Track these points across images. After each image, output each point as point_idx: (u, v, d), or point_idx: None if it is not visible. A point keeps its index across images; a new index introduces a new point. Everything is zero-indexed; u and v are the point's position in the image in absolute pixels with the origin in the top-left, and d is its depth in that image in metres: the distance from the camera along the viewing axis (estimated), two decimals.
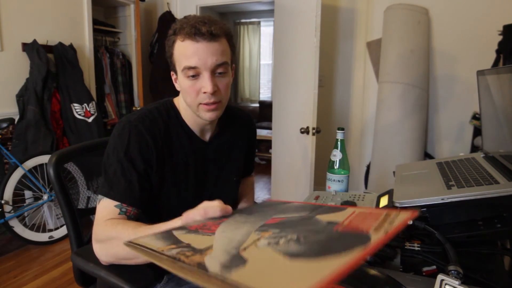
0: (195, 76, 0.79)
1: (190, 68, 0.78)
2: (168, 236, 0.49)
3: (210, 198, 0.96)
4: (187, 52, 0.77)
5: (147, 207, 0.85)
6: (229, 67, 0.83)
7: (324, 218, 0.49)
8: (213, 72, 0.79)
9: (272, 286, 0.32)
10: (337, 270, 0.31)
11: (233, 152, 1.00)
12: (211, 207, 0.57)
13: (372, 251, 0.36)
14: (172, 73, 0.87)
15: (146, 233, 0.67)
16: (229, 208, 0.58)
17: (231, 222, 0.52)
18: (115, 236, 0.72)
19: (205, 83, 0.78)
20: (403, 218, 0.44)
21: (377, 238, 0.39)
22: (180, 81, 0.82)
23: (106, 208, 0.78)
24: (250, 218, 0.53)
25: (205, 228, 0.51)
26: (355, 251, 0.35)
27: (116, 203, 0.78)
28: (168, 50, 0.83)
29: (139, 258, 0.72)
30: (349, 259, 0.34)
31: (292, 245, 0.40)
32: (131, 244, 0.46)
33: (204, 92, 0.79)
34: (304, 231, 0.44)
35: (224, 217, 0.56)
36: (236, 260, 0.38)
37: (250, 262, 0.37)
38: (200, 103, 0.82)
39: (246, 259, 0.38)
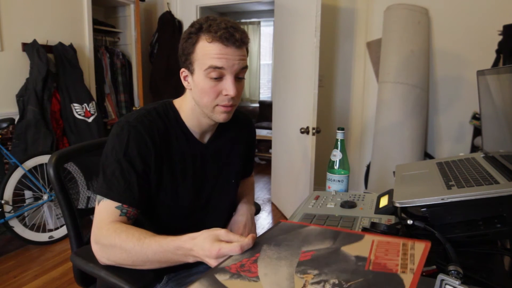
0: (218, 78, 0.80)
1: (216, 68, 0.78)
2: (217, 285, 0.49)
3: (209, 200, 0.96)
4: (214, 54, 0.78)
5: (146, 208, 0.85)
6: None
7: (349, 250, 0.54)
8: (235, 77, 0.81)
9: None
10: None
11: (231, 154, 1.00)
12: (246, 244, 0.59)
13: None
14: (183, 70, 0.86)
15: (153, 248, 0.69)
16: (255, 235, 0.62)
17: (267, 261, 0.54)
18: (118, 244, 0.72)
19: (229, 87, 0.80)
20: (420, 251, 0.50)
21: (409, 280, 0.44)
22: (198, 81, 0.82)
23: (106, 209, 0.78)
24: (281, 252, 0.56)
25: (246, 270, 0.52)
26: None
27: (117, 204, 0.78)
28: (186, 47, 0.82)
29: (144, 266, 0.73)
30: None
31: None
32: None
33: (225, 95, 0.81)
34: (340, 272, 0.48)
35: (254, 250, 0.59)
36: None
37: None
38: (218, 104, 0.83)
39: None
